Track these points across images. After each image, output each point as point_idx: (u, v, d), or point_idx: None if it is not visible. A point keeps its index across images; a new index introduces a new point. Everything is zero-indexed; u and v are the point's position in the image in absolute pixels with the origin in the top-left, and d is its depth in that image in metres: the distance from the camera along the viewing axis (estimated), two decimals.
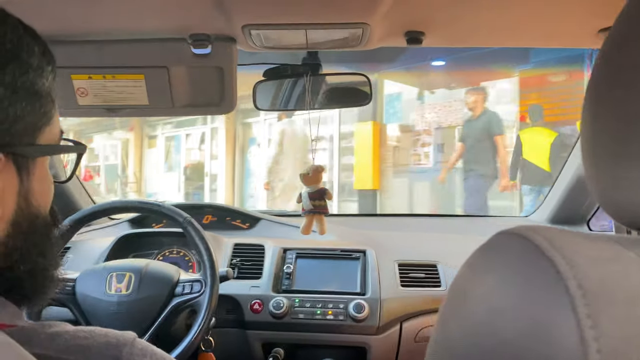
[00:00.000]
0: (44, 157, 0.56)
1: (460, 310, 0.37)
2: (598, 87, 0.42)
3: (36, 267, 0.56)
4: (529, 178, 5.55)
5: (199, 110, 1.17)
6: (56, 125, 0.57)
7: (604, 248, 0.34)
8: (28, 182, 0.53)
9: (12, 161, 0.51)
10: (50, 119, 0.55)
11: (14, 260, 0.53)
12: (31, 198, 0.54)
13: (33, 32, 0.54)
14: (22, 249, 0.54)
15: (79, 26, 1.00)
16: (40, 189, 0.56)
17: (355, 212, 7.43)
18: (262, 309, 1.36)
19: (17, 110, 0.50)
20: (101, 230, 1.72)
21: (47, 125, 0.54)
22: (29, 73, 0.51)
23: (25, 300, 0.57)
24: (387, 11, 0.90)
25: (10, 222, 0.52)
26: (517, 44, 1.17)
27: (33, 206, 0.55)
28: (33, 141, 0.53)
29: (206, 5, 0.89)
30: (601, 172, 0.41)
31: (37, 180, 0.55)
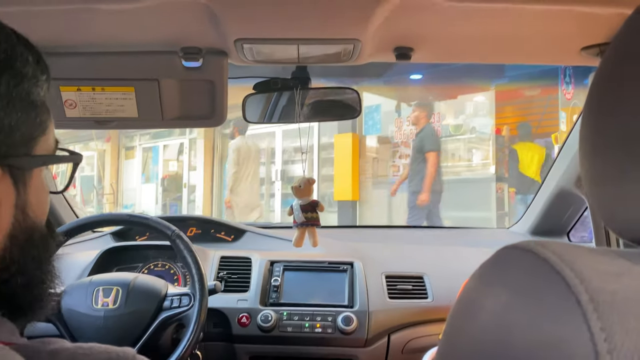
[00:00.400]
0: (40, 168, 0.55)
1: (471, 324, 0.38)
2: (598, 105, 0.43)
3: (33, 280, 0.55)
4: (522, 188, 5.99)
5: (190, 123, 1.17)
6: (51, 135, 0.56)
7: (612, 262, 0.35)
8: (25, 194, 0.52)
9: (8, 173, 0.50)
10: (45, 128, 0.54)
11: (11, 273, 0.52)
12: (28, 210, 0.53)
13: (27, 41, 0.53)
14: (20, 262, 0.53)
15: (69, 38, 0.99)
16: (37, 201, 0.55)
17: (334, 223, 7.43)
18: (250, 322, 1.36)
19: (13, 120, 0.49)
20: (84, 243, 1.69)
21: (42, 136, 0.54)
22: (23, 83, 0.50)
23: (22, 314, 0.56)
24: (378, 27, 0.91)
25: (8, 235, 0.51)
26: (503, 60, 1.20)
27: (30, 218, 0.54)
28: (29, 152, 0.52)
29: (199, 19, 0.89)
30: (603, 190, 0.42)
31: (33, 192, 0.54)
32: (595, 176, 0.43)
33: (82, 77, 1.05)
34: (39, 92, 0.52)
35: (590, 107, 0.44)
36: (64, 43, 1.01)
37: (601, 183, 0.42)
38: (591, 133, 0.43)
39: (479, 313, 0.37)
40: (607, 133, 0.41)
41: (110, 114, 1.09)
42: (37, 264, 0.55)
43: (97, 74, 1.05)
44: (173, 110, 1.11)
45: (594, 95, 0.44)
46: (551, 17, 0.87)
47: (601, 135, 0.42)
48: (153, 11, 0.85)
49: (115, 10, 0.85)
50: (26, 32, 0.93)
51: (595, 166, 0.43)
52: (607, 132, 0.41)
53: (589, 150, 0.44)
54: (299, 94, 1.20)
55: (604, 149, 0.41)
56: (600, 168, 0.42)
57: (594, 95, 0.44)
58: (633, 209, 0.39)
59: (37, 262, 0.55)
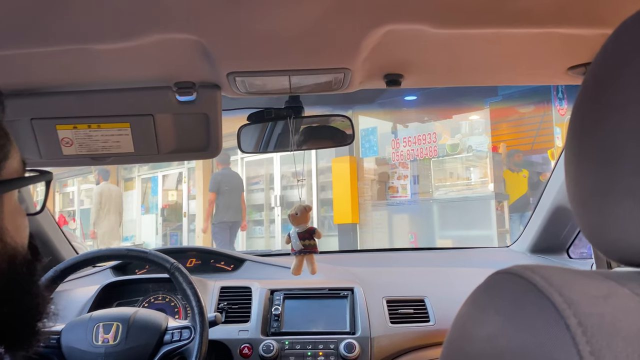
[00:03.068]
0: (11, 193, 0.54)
1: (465, 349, 0.38)
2: (581, 125, 0.43)
3: (22, 306, 0.54)
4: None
5: (185, 156, 1.17)
6: (16, 157, 0.55)
7: (599, 285, 0.36)
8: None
9: None
10: (7, 153, 0.53)
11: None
12: (5, 237, 0.52)
13: None
14: (5, 290, 0.52)
15: (64, 77, 1.01)
16: (13, 226, 0.54)
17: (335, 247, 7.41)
18: (252, 353, 1.34)
19: None
20: (83, 278, 1.68)
21: (5, 160, 0.53)
22: None
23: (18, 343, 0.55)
24: (367, 56, 0.93)
25: None
26: (491, 82, 1.22)
27: (9, 245, 0.53)
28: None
29: (192, 55, 0.91)
30: (589, 210, 0.43)
31: (8, 217, 0.53)
32: (581, 198, 0.43)
33: (77, 115, 1.06)
34: None
35: (573, 129, 0.45)
36: (60, 82, 1.02)
37: (586, 204, 0.43)
38: (575, 155, 0.44)
39: (473, 338, 0.38)
40: (590, 155, 0.42)
41: (106, 150, 1.10)
42: (23, 290, 0.54)
43: (93, 111, 1.06)
44: (169, 143, 1.12)
45: (577, 116, 0.45)
46: (537, 39, 0.89)
47: (584, 157, 0.43)
48: (147, 49, 0.86)
49: (110, 50, 0.86)
50: (23, 73, 0.96)
51: (579, 188, 0.44)
52: (590, 154, 0.42)
53: (573, 172, 0.45)
54: (292, 123, 1.22)
55: (587, 171, 0.42)
56: (585, 190, 0.43)
57: (577, 117, 0.45)
58: (617, 231, 0.39)
59: (23, 287, 0.54)
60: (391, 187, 7.78)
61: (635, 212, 0.38)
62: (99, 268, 1.74)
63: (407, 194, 7.65)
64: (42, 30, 0.79)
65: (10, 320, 0.53)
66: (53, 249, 1.65)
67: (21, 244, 0.55)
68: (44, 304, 0.58)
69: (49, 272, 1.22)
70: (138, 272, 1.71)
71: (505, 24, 0.81)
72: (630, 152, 0.38)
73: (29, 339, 0.57)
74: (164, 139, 1.10)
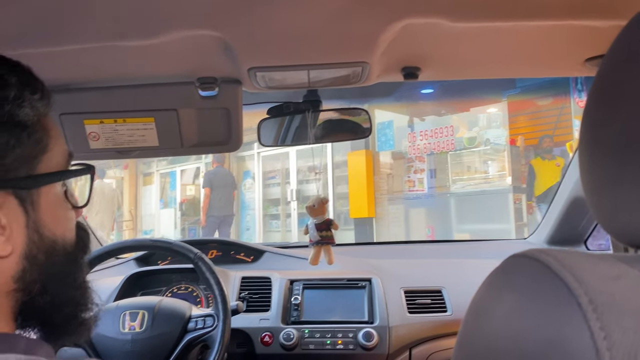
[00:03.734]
0: (50, 186, 0.54)
1: (482, 328, 0.40)
2: (595, 113, 0.45)
3: (59, 299, 0.55)
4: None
5: (207, 149, 1.21)
6: (58, 152, 0.56)
7: (610, 266, 0.37)
8: (35, 214, 0.52)
9: (12, 195, 0.50)
10: (45, 146, 0.53)
11: (33, 293, 0.52)
12: (43, 229, 0.53)
13: (12, 63, 0.53)
14: (42, 281, 0.53)
15: (91, 74, 1.04)
16: (52, 219, 0.54)
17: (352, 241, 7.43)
18: (273, 341, 1.38)
19: (1, 144, 0.49)
20: (108, 269, 1.73)
21: (44, 154, 0.53)
22: (4, 106, 0.49)
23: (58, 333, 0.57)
24: (385, 50, 0.95)
25: (24, 255, 0.51)
26: (508, 75, 1.22)
27: (47, 237, 0.53)
28: (31, 172, 0.52)
29: (214, 51, 0.93)
30: (601, 196, 0.44)
31: (46, 211, 0.53)
32: (594, 185, 0.45)
33: (104, 110, 1.09)
34: (27, 112, 0.51)
35: (587, 119, 0.47)
36: (88, 79, 1.06)
37: (599, 191, 0.44)
38: (589, 144, 0.46)
39: (489, 318, 0.40)
40: (603, 144, 0.43)
41: (132, 144, 1.13)
42: (61, 283, 0.55)
43: (119, 106, 1.09)
44: (191, 137, 1.15)
45: (591, 107, 0.47)
46: (553, 31, 0.89)
47: (598, 147, 0.44)
48: (172, 46, 0.89)
49: (136, 47, 0.89)
50: (53, 70, 0.99)
51: (593, 175, 0.45)
52: (603, 144, 0.43)
53: (587, 160, 0.46)
54: (310, 116, 1.24)
55: (600, 159, 0.44)
56: (598, 177, 0.44)
57: (591, 107, 0.47)
58: (628, 215, 0.41)
59: (61, 280, 0.55)
60: (408, 180, 7.76)
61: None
62: (123, 260, 1.79)
63: (424, 188, 7.63)
64: (71, 29, 0.83)
65: (49, 310, 0.55)
66: None
67: (62, 236, 0.56)
68: (85, 295, 0.59)
69: None
70: (160, 263, 1.75)
71: (521, 16, 0.82)
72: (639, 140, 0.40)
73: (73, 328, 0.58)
74: (187, 133, 1.13)
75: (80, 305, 0.58)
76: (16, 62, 0.53)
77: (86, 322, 0.59)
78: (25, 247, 0.51)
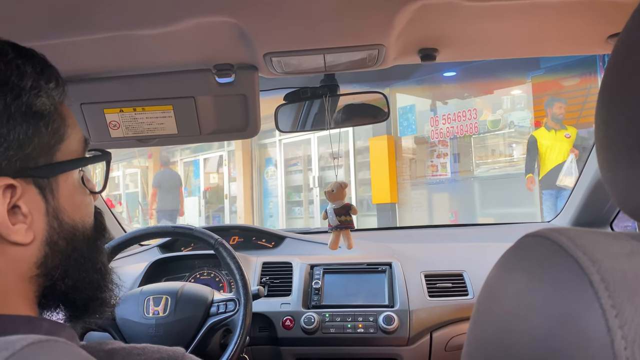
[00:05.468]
0: (67, 173, 0.55)
1: (494, 308, 0.40)
2: (610, 91, 0.44)
3: (81, 282, 0.57)
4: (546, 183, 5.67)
5: (225, 136, 1.21)
6: (74, 139, 0.56)
7: (623, 244, 0.37)
8: (55, 201, 0.53)
9: (32, 184, 0.51)
10: (63, 135, 0.54)
11: (55, 278, 0.54)
12: (62, 216, 0.54)
13: (27, 52, 0.53)
14: (63, 266, 0.54)
15: (110, 64, 1.06)
16: (71, 205, 0.55)
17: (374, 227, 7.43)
18: (294, 325, 1.39)
19: (20, 134, 0.49)
20: (133, 256, 1.77)
21: (61, 142, 0.54)
22: (22, 96, 0.50)
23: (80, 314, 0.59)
24: (401, 31, 0.94)
25: (46, 242, 0.52)
26: (528, 54, 1.20)
27: (67, 224, 0.55)
28: (49, 160, 0.53)
29: (230, 37, 0.94)
30: (617, 174, 0.43)
31: (65, 197, 0.54)
32: (609, 163, 0.44)
33: (123, 99, 1.11)
34: (43, 101, 0.52)
35: (602, 97, 0.46)
36: (106, 68, 1.07)
37: (614, 169, 0.44)
38: (604, 122, 0.45)
39: (502, 296, 0.40)
40: (618, 121, 0.43)
41: (151, 132, 1.15)
42: (81, 267, 0.57)
43: (138, 95, 1.11)
44: (209, 124, 1.16)
45: (606, 84, 0.46)
46: (572, 8, 0.87)
47: (612, 124, 0.43)
48: (187, 33, 0.90)
49: (153, 35, 0.90)
50: (72, 60, 1.01)
51: (608, 153, 0.44)
52: (618, 121, 0.43)
53: (602, 138, 0.45)
54: (328, 101, 1.24)
55: (615, 137, 0.43)
56: (613, 155, 0.44)
57: (606, 85, 0.46)
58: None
59: (82, 265, 0.57)
60: (431, 165, 7.69)
61: None
62: (147, 247, 1.83)
63: (447, 172, 7.55)
64: (88, 20, 0.84)
65: (71, 294, 0.56)
66: None
67: (81, 221, 0.57)
68: (105, 277, 0.61)
69: None
70: (183, 249, 1.78)
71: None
72: None
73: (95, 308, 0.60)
74: (205, 120, 1.14)
75: (101, 287, 0.60)
76: (30, 51, 0.54)
77: (107, 302, 0.61)
78: (46, 234, 0.53)
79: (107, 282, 0.61)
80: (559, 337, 0.34)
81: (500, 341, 0.38)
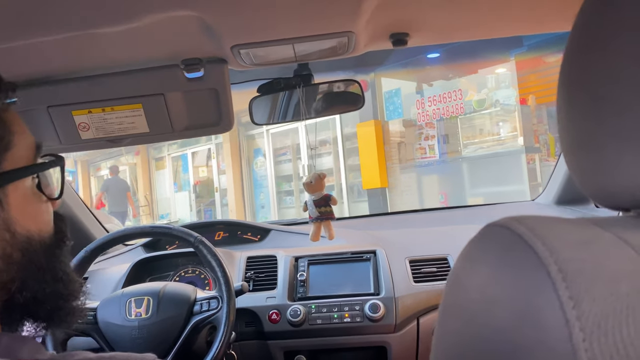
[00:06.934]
0: (17, 182, 0.53)
1: (459, 300, 0.39)
2: (569, 73, 0.43)
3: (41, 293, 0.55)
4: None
5: (200, 132, 1.19)
6: (23, 146, 0.54)
7: (583, 232, 0.36)
8: (5, 213, 0.51)
9: None
10: (8, 144, 0.52)
11: (13, 291, 0.52)
12: (15, 227, 0.52)
13: None
14: (20, 279, 0.52)
15: (74, 64, 1.03)
16: (24, 215, 0.53)
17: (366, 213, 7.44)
18: (280, 318, 1.39)
19: None
20: (116, 257, 1.75)
21: (7, 151, 0.52)
22: None
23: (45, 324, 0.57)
24: (370, 17, 0.92)
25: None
26: (503, 34, 1.18)
27: (20, 234, 0.53)
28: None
29: (195, 31, 0.91)
30: (578, 157, 0.42)
31: (17, 207, 0.52)
32: (571, 145, 0.43)
33: (91, 100, 1.08)
34: None
35: (563, 77, 0.45)
36: (71, 69, 1.05)
37: (576, 152, 0.43)
38: (565, 103, 0.44)
39: (466, 288, 0.39)
40: (578, 102, 0.42)
41: (122, 131, 1.13)
42: (40, 278, 0.55)
43: (106, 95, 1.08)
44: (182, 121, 1.14)
45: (565, 64, 0.44)
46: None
47: (573, 105, 0.42)
48: (150, 29, 0.87)
49: (113, 33, 0.88)
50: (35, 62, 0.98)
51: (570, 135, 0.43)
52: (578, 101, 0.42)
53: (563, 120, 0.44)
54: (302, 91, 1.22)
55: (576, 118, 0.42)
56: (574, 137, 0.43)
57: (565, 64, 0.44)
58: (603, 176, 0.40)
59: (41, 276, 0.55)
60: (419, 148, 7.70)
61: (620, 156, 0.38)
62: (131, 246, 1.81)
63: (435, 154, 7.57)
64: (46, 19, 0.81)
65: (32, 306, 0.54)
66: (85, 231, 1.72)
67: (37, 231, 0.55)
68: (68, 285, 0.59)
69: (80, 252, 1.28)
70: (169, 247, 1.76)
71: None
72: (613, 96, 0.38)
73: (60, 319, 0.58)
74: (177, 116, 1.12)
75: (65, 297, 0.58)
76: None
77: (73, 311, 0.59)
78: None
79: (71, 291, 0.59)
80: (519, 331, 0.33)
81: (465, 334, 0.38)
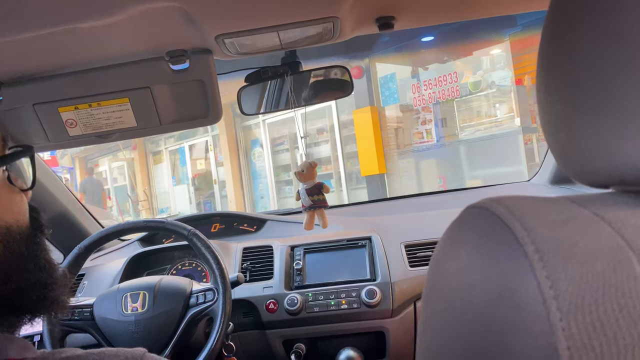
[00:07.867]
0: None
1: (440, 285, 0.39)
2: (546, 52, 0.43)
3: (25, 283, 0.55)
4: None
5: (188, 124, 1.18)
6: None
7: (561, 210, 0.36)
8: None
9: None
10: None
11: None
12: None
13: None
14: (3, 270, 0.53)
15: (57, 60, 1.02)
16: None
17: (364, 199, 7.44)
18: (278, 307, 1.39)
19: None
20: (113, 252, 1.75)
21: None
22: None
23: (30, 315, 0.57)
24: (354, 1, 0.91)
25: None
26: (492, 13, 1.16)
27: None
28: None
29: (178, 23, 0.90)
30: (557, 137, 0.42)
31: None
32: (550, 124, 0.43)
33: (77, 96, 1.07)
34: None
35: (541, 57, 0.44)
36: (55, 66, 1.03)
37: (555, 131, 0.42)
38: (543, 82, 0.43)
39: (447, 272, 0.39)
40: (556, 82, 0.41)
41: (110, 127, 1.12)
42: (24, 267, 0.55)
43: (92, 90, 1.07)
44: (169, 114, 1.13)
45: (543, 43, 0.44)
46: None
47: (551, 84, 0.42)
48: (133, 22, 0.86)
49: (97, 27, 0.86)
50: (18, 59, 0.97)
51: (549, 115, 0.43)
52: (556, 81, 0.41)
53: (542, 100, 0.44)
54: (290, 79, 1.21)
55: (554, 98, 0.42)
56: (553, 116, 0.42)
57: (543, 44, 0.44)
58: (581, 154, 0.39)
59: (24, 265, 0.55)
60: (416, 132, 7.68)
61: (597, 135, 0.37)
62: (127, 241, 1.81)
63: (432, 139, 7.56)
64: (27, 15, 0.80)
65: (17, 297, 0.55)
66: (80, 227, 1.72)
67: (15, 221, 0.56)
68: (51, 274, 0.59)
69: (74, 249, 1.28)
70: (165, 241, 1.76)
71: None
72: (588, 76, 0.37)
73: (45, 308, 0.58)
74: (164, 109, 1.11)
75: (49, 285, 0.58)
76: None
77: (58, 300, 0.59)
78: None
79: (54, 279, 0.60)
80: (499, 312, 0.33)
81: (447, 318, 0.38)
